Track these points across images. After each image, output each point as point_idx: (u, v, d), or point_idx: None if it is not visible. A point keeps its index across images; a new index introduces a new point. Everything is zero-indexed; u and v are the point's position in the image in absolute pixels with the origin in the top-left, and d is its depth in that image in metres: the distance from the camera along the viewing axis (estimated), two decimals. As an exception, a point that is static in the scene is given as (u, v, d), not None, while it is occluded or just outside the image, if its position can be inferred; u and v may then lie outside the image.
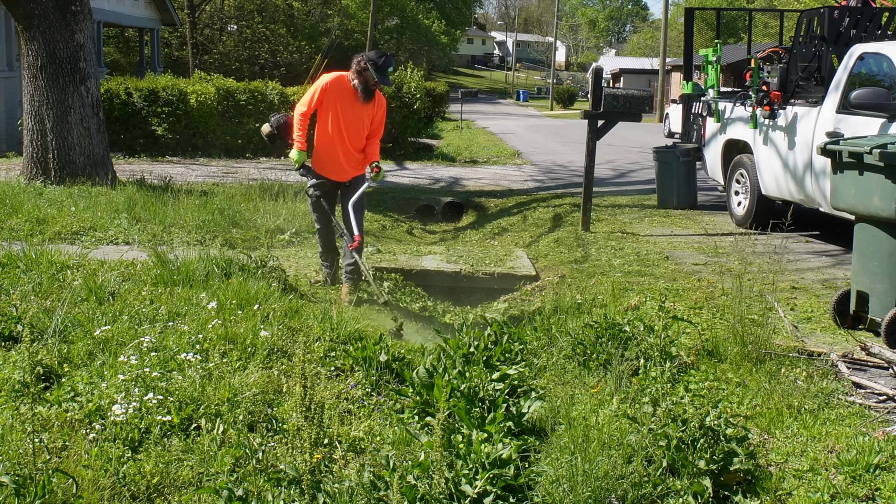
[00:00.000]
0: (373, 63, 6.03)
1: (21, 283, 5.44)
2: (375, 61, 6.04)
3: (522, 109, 54.43)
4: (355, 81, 6.11)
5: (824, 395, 4.23)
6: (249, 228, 8.11)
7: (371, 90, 6.13)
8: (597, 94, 8.99)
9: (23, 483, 2.95)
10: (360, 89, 6.08)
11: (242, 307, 5.14)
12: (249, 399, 3.93)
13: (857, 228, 5.32)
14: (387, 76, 6.07)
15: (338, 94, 6.12)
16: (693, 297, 6.23)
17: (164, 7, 25.91)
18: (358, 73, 6.08)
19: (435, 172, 14.95)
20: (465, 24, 75.29)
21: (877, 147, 4.97)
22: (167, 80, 16.73)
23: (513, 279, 7.43)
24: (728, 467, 3.51)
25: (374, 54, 6.13)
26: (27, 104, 10.23)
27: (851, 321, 5.41)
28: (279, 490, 3.20)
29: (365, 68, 6.04)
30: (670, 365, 4.53)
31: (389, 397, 4.37)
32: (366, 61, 6.05)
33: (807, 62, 8.79)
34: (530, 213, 10.63)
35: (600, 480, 3.38)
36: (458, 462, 3.46)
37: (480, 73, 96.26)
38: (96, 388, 3.87)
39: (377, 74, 6.03)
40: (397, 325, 5.81)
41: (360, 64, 6.06)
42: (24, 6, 9.91)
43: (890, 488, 3.31)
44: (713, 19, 27.57)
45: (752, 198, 9.23)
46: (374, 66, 6.03)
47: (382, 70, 6.05)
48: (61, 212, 8.14)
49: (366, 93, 6.11)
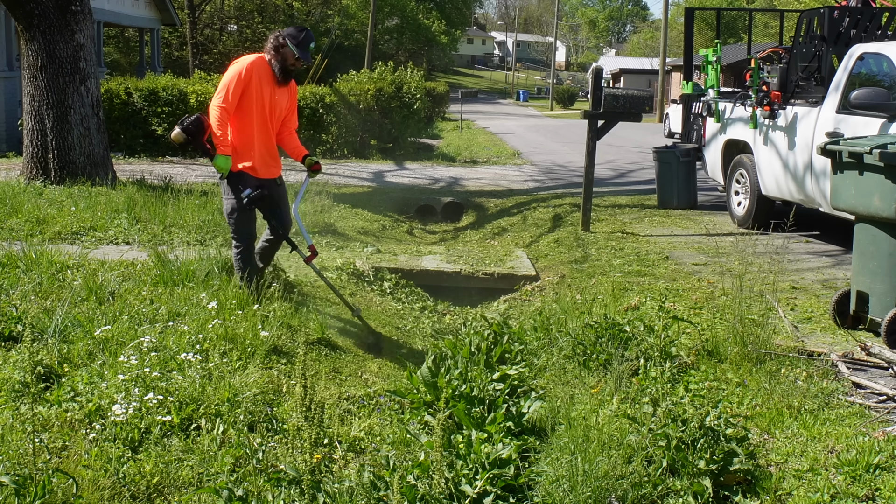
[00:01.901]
0: (292, 38, 5.37)
1: (21, 283, 5.44)
2: (295, 36, 5.39)
3: (522, 109, 54.43)
4: (271, 58, 5.41)
5: (824, 395, 4.23)
6: (249, 228, 8.10)
7: (290, 71, 5.46)
8: (597, 94, 8.99)
9: (23, 483, 2.95)
10: (276, 69, 5.40)
11: (242, 307, 5.14)
12: (249, 399, 3.93)
13: (857, 228, 5.32)
14: (308, 52, 5.42)
15: (259, 78, 5.36)
16: (693, 297, 6.23)
17: (164, 7, 25.91)
18: (275, 49, 5.40)
19: (435, 172, 14.95)
20: (465, 24, 75.30)
21: (877, 147, 4.97)
22: (167, 80, 16.73)
23: (513, 279, 7.43)
24: (728, 467, 3.51)
25: (292, 30, 5.48)
26: (27, 104, 10.23)
27: (851, 321, 5.41)
28: (279, 490, 3.20)
29: (283, 44, 5.37)
30: (670, 365, 4.53)
31: (389, 398, 4.37)
32: (284, 37, 5.38)
33: (807, 62, 8.79)
34: (530, 214, 10.63)
35: (600, 480, 3.38)
36: (458, 462, 3.46)
37: (480, 73, 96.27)
38: (96, 388, 3.87)
39: (298, 50, 5.36)
40: (373, 339, 5.57)
41: (279, 40, 5.39)
42: (24, 6, 9.91)
43: (890, 488, 3.31)
44: (713, 19, 27.57)
45: (752, 198, 9.23)
46: (295, 42, 5.36)
47: (304, 46, 5.39)
48: (61, 212, 8.14)
49: (284, 73, 5.42)
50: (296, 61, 5.41)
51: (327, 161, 16.07)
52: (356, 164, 15.70)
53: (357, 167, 15.25)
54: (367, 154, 16.87)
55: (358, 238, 8.90)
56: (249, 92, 5.32)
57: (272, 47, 5.41)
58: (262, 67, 5.38)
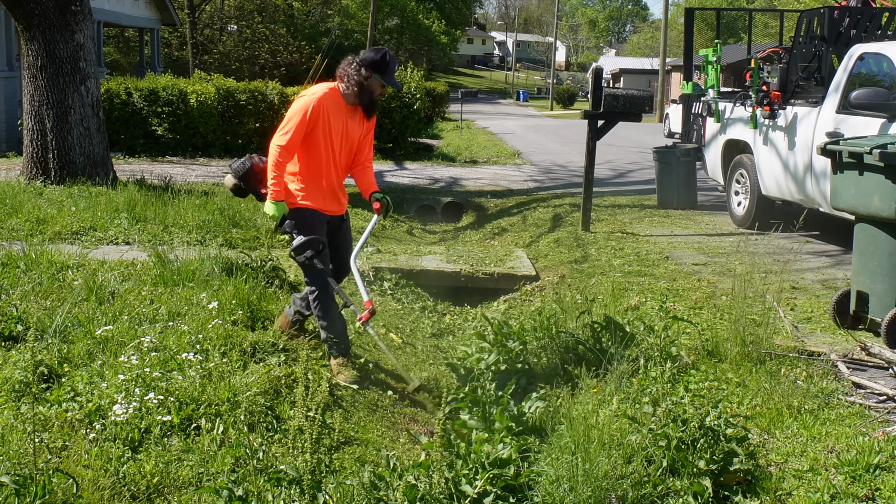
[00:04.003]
0: (374, 66, 4.70)
1: (21, 283, 5.44)
2: (377, 62, 4.71)
3: (522, 109, 54.41)
4: (350, 92, 4.75)
5: (824, 395, 4.23)
6: (249, 228, 8.10)
7: (375, 102, 4.84)
8: (597, 94, 8.98)
9: (23, 483, 2.95)
10: (363, 103, 4.78)
11: (243, 307, 5.14)
12: (249, 399, 3.93)
13: (857, 228, 5.32)
14: (394, 76, 4.84)
15: (329, 113, 4.72)
16: (693, 297, 6.23)
17: (164, 7, 25.90)
18: (357, 83, 4.72)
19: (435, 172, 14.95)
20: (465, 24, 75.26)
21: (877, 147, 4.97)
22: (167, 80, 16.73)
23: (513, 279, 7.43)
24: (728, 467, 3.51)
25: (371, 54, 4.77)
26: (27, 104, 10.23)
27: (851, 321, 5.41)
28: (279, 490, 3.20)
29: (367, 76, 4.70)
30: (671, 365, 4.54)
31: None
32: (365, 67, 4.70)
33: (807, 62, 8.79)
34: (530, 214, 10.63)
35: (600, 480, 3.38)
36: (458, 462, 3.46)
37: (480, 73, 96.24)
38: (96, 388, 3.87)
39: (384, 78, 4.74)
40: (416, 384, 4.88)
41: (361, 73, 4.70)
42: (24, 6, 9.91)
43: (890, 488, 3.31)
44: (713, 19, 27.57)
45: (752, 198, 9.23)
46: (378, 69, 4.71)
47: (390, 71, 4.78)
48: (61, 212, 8.14)
49: (370, 106, 4.83)
50: (383, 90, 4.82)
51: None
52: (356, 164, 15.68)
53: (357, 167, 15.23)
54: (367, 154, 16.85)
55: (357, 238, 8.88)
56: (317, 129, 4.70)
57: (354, 82, 4.72)
58: (332, 100, 4.74)
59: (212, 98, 15.92)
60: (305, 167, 4.77)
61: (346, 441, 4.02)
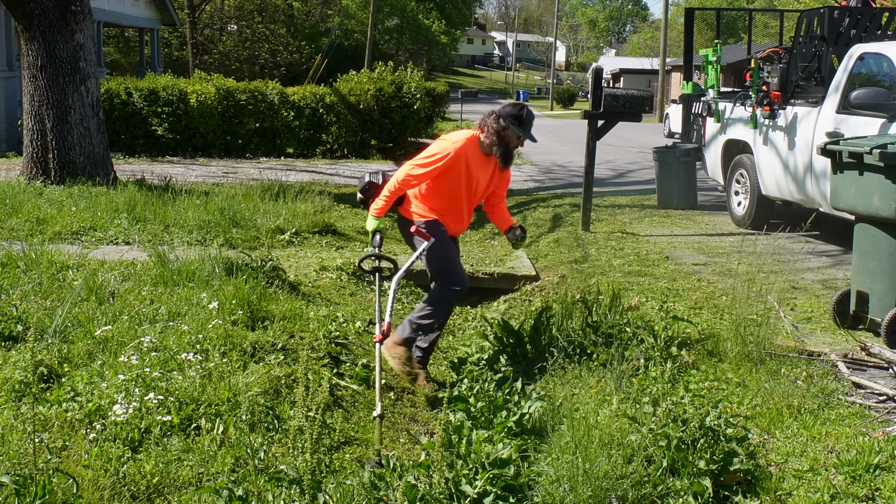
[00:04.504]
0: (514, 119, 4.96)
1: (21, 283, 5.43)
2: (517, 115, 4.98)
3: (522, 109, 54.38)
4: (487, 141, 4.99)
5: (824, 395, 4.23)
6: (250, 228, 8.11)
7: (511, 154, 5.12)
8: (597, 94, 8.99)
9: (23, 483, 2.95)
10: (498, 154, 5.02)
11: (243, 307, 5.14)
12: (250, 399, 3.93)
13: (857, 228, 5.32)
14: (530, 131, 5.08)
15: (468, 159, 4.98)
16: (693, 297, 6.23)
17: (164, 7, 25.90)
18: (496, 133, 4.96)
19: (435, 172, 14.93)
20: (465, 24, 75.31)
21: (877, 147, 4.97)
22: (167, 80, 16.74)
23: (513, 279, 7.43)
24: (728, 467, 3.51)
25: (511, 109, 5.04)
26: (27, 104, 10.23)
27: (851, 321, 5.41)
28: (279, 490, 3.20)
29: (505, 126, 4.94)
30: (671, 365, 4.53)
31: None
32: (504, 119, 4.95)
33: (807, 62, 8.79)
34: (530, 213, 10.63)
35: (600, 480, 3.38)
36: (458, 462, 3.46)
37: (480, 73, 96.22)
38: (96, 388, 3.87)
39: (522, 131, 4.99)
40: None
41: (500, 123, 4.95)
42: (24, 6, 9.91)
43: (890, 488, 3.31)
44: (713, 19, 27.56)
45: (752, 198, 9.23)
46: (517, 123, 4.96)
47: (527, 125, 5.02)
48: (61, 212, 8.14)
49: (505, 158, 5.06)
50: (518, 141, 5.08)
51: (327, 161, 16.09)
52: (356, 164, 15.70)
53: (357, 167, 15.25)
54: (367, 154, 16.87)
55: (358, 238, 8.90)
56: (451, 172, 4.97)
57: (493, 131, 4.97)
58: (471, 148, 5.00)
59: (212, 98, 15.92)
60: (436, 203, 5.07)
61: (346, 441, 4.02)
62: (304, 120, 16.58)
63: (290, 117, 16.46)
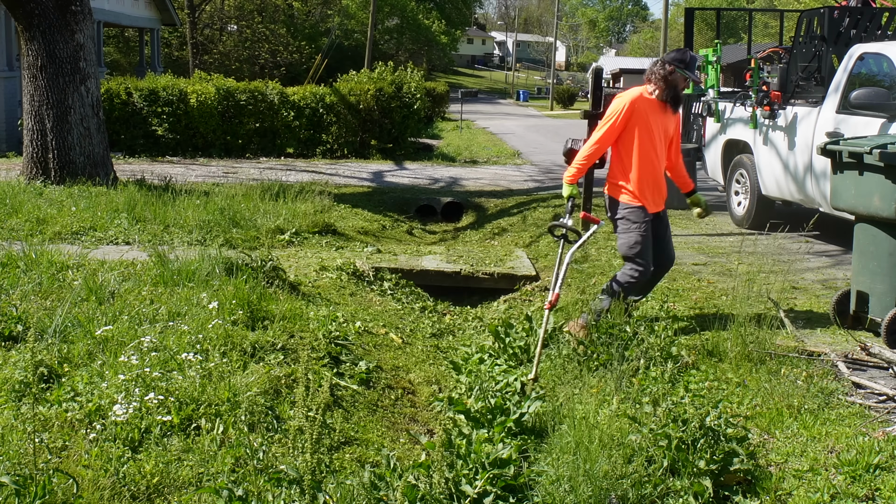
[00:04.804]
0: (679, 62, 5.27)
1: (21, 283, 5.43)
2: (682, 59, 5.30)
3: (522, 109, 54.41)
4: (657, 91, 5.32)
5: (824, 395, 4.23)
6: (250, 228, 8.11)
7: (680, 97, 5.39)
8: (597, 94, 8.98)
9: (23, 483, 2.95)
10: (668, 97, 5.32)
11: (243, 307, 5.14)
12: (249, 399, 3.93)
13: (857, 228, 5.32)
14: (695, 71, 5.40)
15: (647, 112, 5.30)
16: (693, 297, 6.23)
17: (164, 7, 25.91)
18: (663, 78, 5.28)
19: (435, 172, 14.95)
20: (465, 24, 75.29)
21: (877, 147, 4.97)
22: (167, 80, 16.74)
23: (513, 279, 7.43)
24: (728, 467, 3.51)
25: (675, 54, 5.38)
26: (27, 104, 10.23)
27: (851, 321, 5.41)
28: (279, 490, 3.20)
29: (671, 71, 5.26)
30: (671, 365, 4.54)
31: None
32: (669, 63, 5.28)
33: (807, 62, 8.79)
34: (530, 213, 10.62)
35: (601, 480, 3.38)
36: (458, 462, 3.46)
37: (480, 73, 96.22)
38: (96, 388, 3.87)
39: (688, 72, 5.29)
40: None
41: (665, 68, 5.27)
42: (24, 6, 9.91)
43: (890, 488, 3.31)
44: (713, 19, 27.55)
45: (752, 198, 9.23)
46: (683, 64, 5.27)
47: (692, 66, 5.33)
48: (61, 212, 8.14)
49: (675, 100, 5.36)
50: (685, 83, 5.37)
51: (327, 161, 16.10)
52: (356, 164, 15.70)
53: (357, 167, 15.26)
54: (367, 154, 16.87)
55: (358, 238, 8.90)
56: (636, 128, 5.30)
57: (659, 78, 5.30)
58: (642, 101, 5.31)
59: (212, 98, 15.92)
60: (637, 165, 5.34)
61: (346, 441, 4.02)
62: (304, 120, 16.58)
63: (290, 117, 16.47)
